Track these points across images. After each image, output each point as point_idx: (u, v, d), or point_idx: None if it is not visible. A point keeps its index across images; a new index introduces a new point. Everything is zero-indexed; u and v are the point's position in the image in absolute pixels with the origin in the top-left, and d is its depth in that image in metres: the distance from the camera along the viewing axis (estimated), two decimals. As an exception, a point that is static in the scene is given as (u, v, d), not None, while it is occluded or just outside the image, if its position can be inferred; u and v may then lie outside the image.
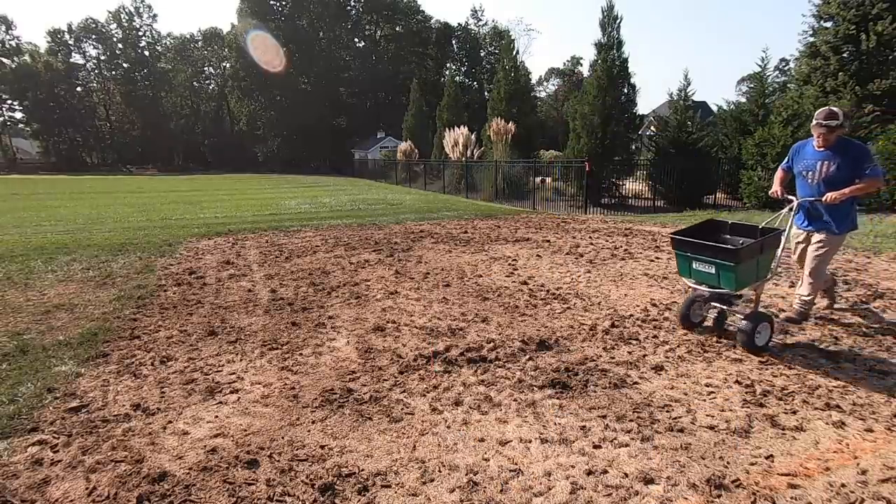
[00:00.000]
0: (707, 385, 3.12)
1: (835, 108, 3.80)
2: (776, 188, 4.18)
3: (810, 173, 3.95)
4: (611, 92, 15.09)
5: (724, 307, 3.83)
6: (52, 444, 2.53)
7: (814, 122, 3.81)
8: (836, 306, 4.52)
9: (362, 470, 2.31)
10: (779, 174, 4.30)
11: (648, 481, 2.20)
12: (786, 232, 3.81)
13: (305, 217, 12.16)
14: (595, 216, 12.52)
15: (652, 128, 18.34)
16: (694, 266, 3.66)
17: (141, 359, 3.61)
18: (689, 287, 4.00)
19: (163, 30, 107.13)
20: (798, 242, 4.24)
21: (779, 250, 3.73)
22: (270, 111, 60.25)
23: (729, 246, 3.56)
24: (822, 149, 3.84)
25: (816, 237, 3.94)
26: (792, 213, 4.02)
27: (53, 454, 2.45)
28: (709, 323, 4.11)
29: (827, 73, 18.12)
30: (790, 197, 4.04)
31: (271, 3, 59.76)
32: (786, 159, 4.26)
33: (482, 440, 2.54)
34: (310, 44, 59.04)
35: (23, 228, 10.36)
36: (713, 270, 3.51)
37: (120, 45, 67.52)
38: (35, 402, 2.96)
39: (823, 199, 3.73)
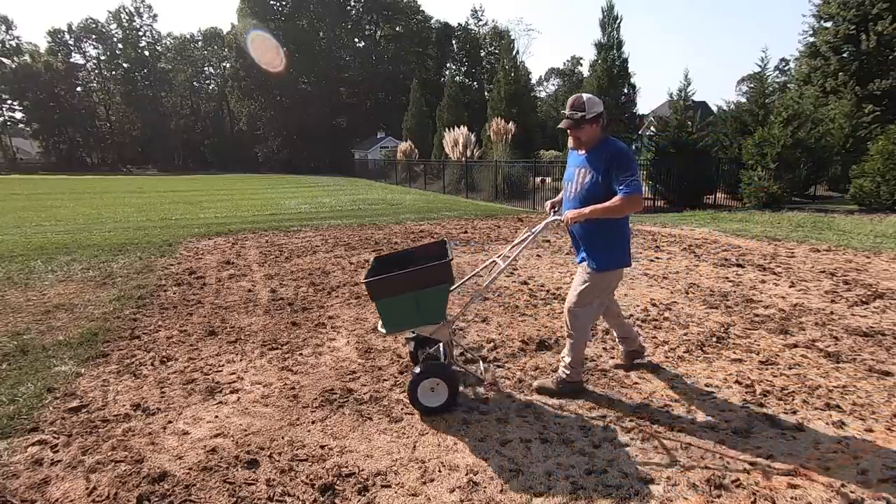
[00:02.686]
0: (707, 385, 3.12)
1: (588, 95, 2.78)
2: (552, 202, 3.26)
3: (570, 184, 2.93)
4: (611, 92, 15.11)
5: (428, 349, 3.11)
6: (52, 444, 2.53)
7: None
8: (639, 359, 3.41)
9: (362, 470, 2.31)
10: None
11: (648, 481, 2.19)
12: (510, 258, 3.03)
13: (305, 217, 12.16)
14: (595, 216, 12.49)
15: (652, 128, 18.33)
16: None
17: (141, 359, 3.61)
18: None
19: (163, 30, 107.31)
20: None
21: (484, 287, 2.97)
22: (270, 111, 60.29)
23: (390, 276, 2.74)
24: (581, 152, 2.87)
25: (579, 270, 2.96)
26: (533, 233, 3.07)
27: (53, 454, 2.45)
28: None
29: (827, 73, 18.16)
30: (554, 216, 3.08)
31: (271, 3, 59.76)
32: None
33: (482, 440, 2.54)
34: (310, 44, 59.02)
35: (23, 228, 10.36)
36: None
37: (120, 45, 67.55)
38: (35, 402, 2.96)
39: (562, 217, 2.85)
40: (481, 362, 3.43)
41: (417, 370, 2.77)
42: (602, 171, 2.73)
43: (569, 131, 2.85)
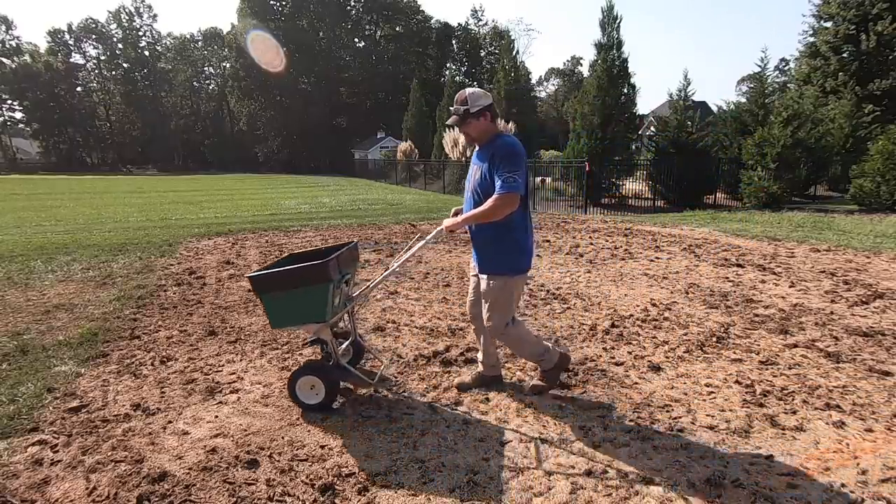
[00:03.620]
0: (707, 385, 3.11)
1: (472, 90, 2.69)
2: (456, 209, 3.09)
3: (468, 183, 2.85)
4: (611, 92, 15.09)
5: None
6: (52, 444, 2.53)
7: None
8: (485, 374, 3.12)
9: (362, 470, 2.31)
10: None
11: (648, 481, 2.19)
12: (399, 258, 3.07)
13: (305, 217, 12.16)
14: (595, 216, 12.52)
15: (652, 128, 18.32)
16: None
17: (141, 359, 3.61)
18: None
19: (163, 30, 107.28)
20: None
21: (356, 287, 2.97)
22: (270, 111, 60.34)
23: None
24: (478, 148, 2.80)
25: (480, 283, 2.85)
26: (424, 240, 2.95)
27: (53, 454, 2.45)
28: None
29: (827, 73, 18.16)
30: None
31: (271, 3, 59.77)
32: None
33: (482, 440, 2.54)
34: (310, 44, 59.03)
35: (23, 228, 10.35)
36: None
37: (120, 45, 67.58)
38: (35, 402, 2.95)
39: (443, 225, 2.80)
40: (383, 363, 3.44)
41: (295, 371, 2.87)
42: (488, 167, 2.63)
43: (458, 129, 2.76)
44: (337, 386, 2.86)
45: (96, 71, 68.90)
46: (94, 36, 66.67)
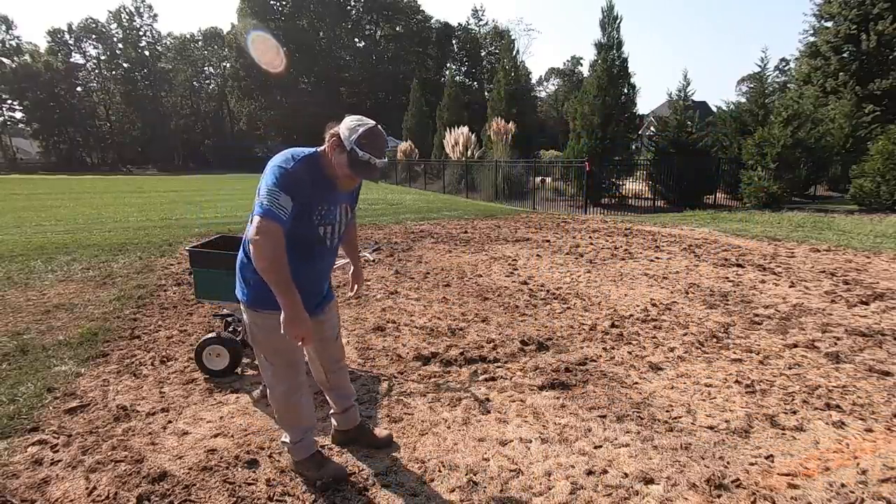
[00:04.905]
0: (707, 385, 3.11)
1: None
2: None
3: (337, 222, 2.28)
4: (611, 92, 15.07)
5: None
6: (52, 444, 2.53)
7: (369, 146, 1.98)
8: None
9: (362, 470, 2.31)
10: None
11: (648, 481, 2.19)
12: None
13: (305, 217, 12.13)
14: (595, 216, 12.52)
15: (652, 128, 18.32)
16: None
17: (141, 359, 3.61)
18: None
19: (163, 30, 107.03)
20: None
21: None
22: (270, 111, 60.39)
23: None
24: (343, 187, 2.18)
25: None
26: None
27: (53, 454, 2.45)
28: None
29: (827, 72, 18.16)
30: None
31: (271, 3, 59.83)
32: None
33: (482, 440, 2.54)
34: (310, 44, 59.09)
35: (23, 228, 10.35)
36: None
37: (120, 45, 67.51)
38: (35, 402, 2.95)
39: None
40: None
41: (208, 336, 3.26)
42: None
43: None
44: (240, 358, 3.28)
45: (96, 71, 68.82)
46: (94, 36, 66.58)
